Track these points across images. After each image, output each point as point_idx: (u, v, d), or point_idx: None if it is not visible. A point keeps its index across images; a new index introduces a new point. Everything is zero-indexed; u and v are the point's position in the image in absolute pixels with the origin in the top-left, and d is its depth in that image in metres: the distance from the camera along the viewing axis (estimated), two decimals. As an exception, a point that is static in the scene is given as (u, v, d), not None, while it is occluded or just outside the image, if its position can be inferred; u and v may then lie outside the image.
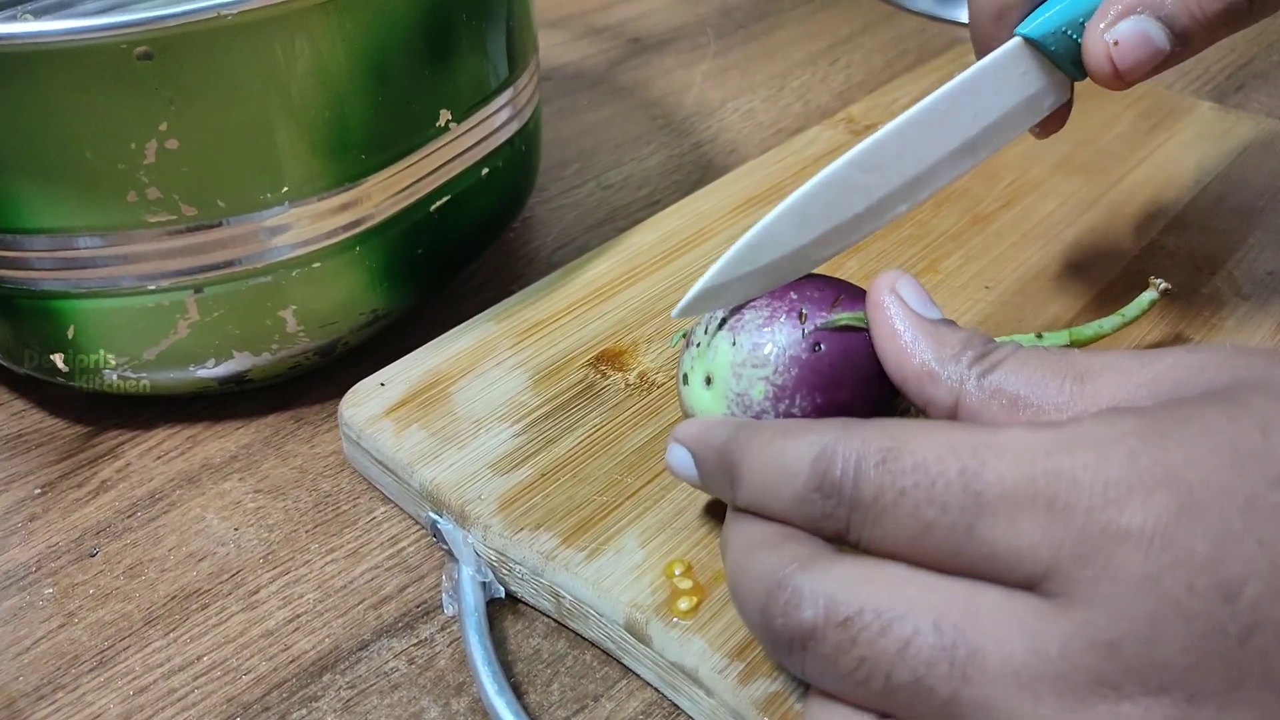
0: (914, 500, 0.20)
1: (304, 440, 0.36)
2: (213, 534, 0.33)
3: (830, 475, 0.21)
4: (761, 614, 0.21)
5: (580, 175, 0.51)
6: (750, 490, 0.23)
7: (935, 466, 0.20)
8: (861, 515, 0.21)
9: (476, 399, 0.34)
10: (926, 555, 0.20)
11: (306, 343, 0.35)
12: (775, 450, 0.23)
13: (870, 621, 0.20)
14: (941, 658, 0.19)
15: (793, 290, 0.28)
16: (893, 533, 0.20)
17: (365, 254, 0.35)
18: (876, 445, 0.21)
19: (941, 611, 0.19)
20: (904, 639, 0.19)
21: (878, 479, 0.21)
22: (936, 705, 0.19)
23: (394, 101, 0.33)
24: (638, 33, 0.65)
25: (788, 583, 0.21)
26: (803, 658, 0.21)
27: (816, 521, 0.22)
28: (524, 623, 0.30)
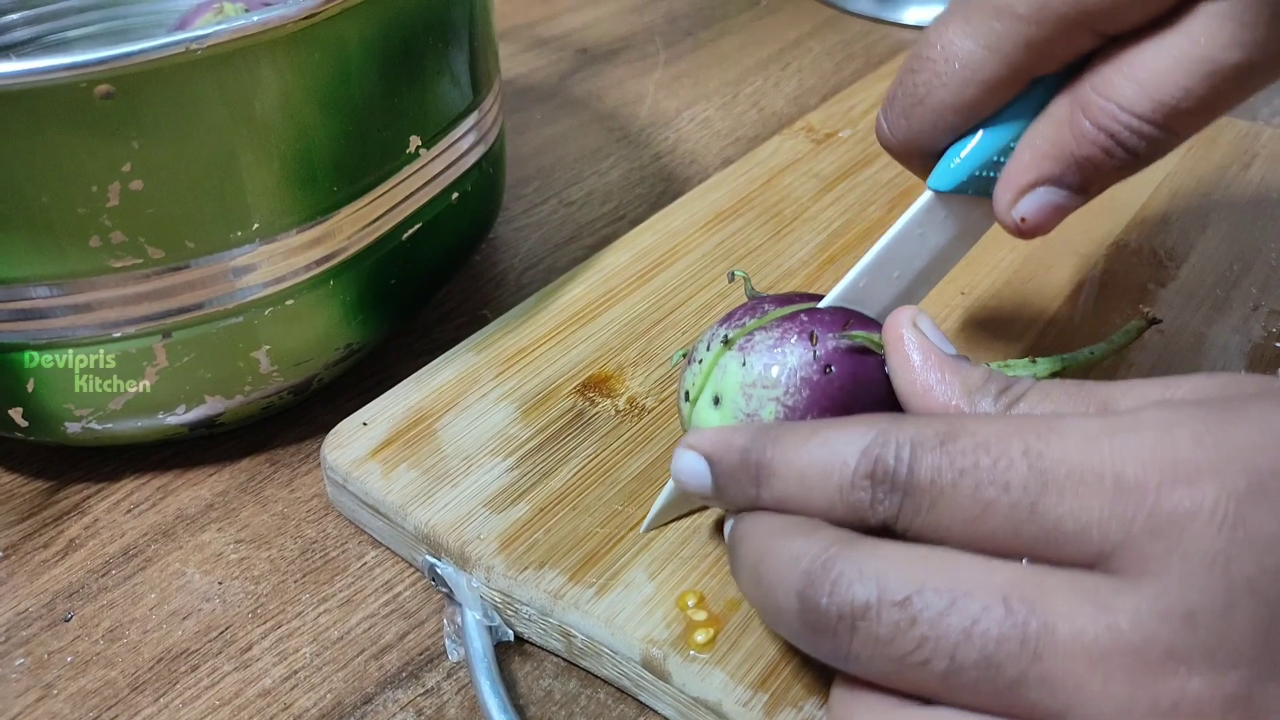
0: (974, 480, 0.20)
1: (283, 484, 0.35)
2: (195, 589, 0.31)
3: (883, 461, 0.21)
4: (799, 596, 0.21)
5: (541, 193, 0.50)
6: (784, 486, 0.23)
7: (997, 446, 0.20)
8: (916, 500, 0.21)
9: (464, 434, 0.33)
10: (983, 538, 0.20)
11: (280, 382, 0.34)
12: (819, 442, 0.22)
13: (933, 600, 0.19)
14: (1012, 634, 0.19)
15: (804, 314, 0.27)
16: (948, 516, 0.20)
17: (339, 288, 0.34)
18: (933, 430, 0.21)
19: (1009, 589, 0.19)
20: (972, 616, 0.19)
21: (935, 461, 0.20)
22: (1002, 686, 0.19)
23: (364, 130, 0.32)
24: (585, 43, 0.64)
25: (834, 562, 0.21)
26: (849, 640, 0.20)
27: (862, 512, 0.21)
28: (533, 664, 0.29)
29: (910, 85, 0.27)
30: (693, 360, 0.29)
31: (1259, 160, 0.47)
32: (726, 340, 0.27)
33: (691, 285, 0.39)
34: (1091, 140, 0.25)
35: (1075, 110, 0.25)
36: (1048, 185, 0.26)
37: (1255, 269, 0.41)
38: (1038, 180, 0.26)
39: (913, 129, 0.27)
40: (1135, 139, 0.25)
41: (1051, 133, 0.26)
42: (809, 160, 0.47)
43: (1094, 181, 0.26)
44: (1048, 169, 0.26)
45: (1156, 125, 0.24)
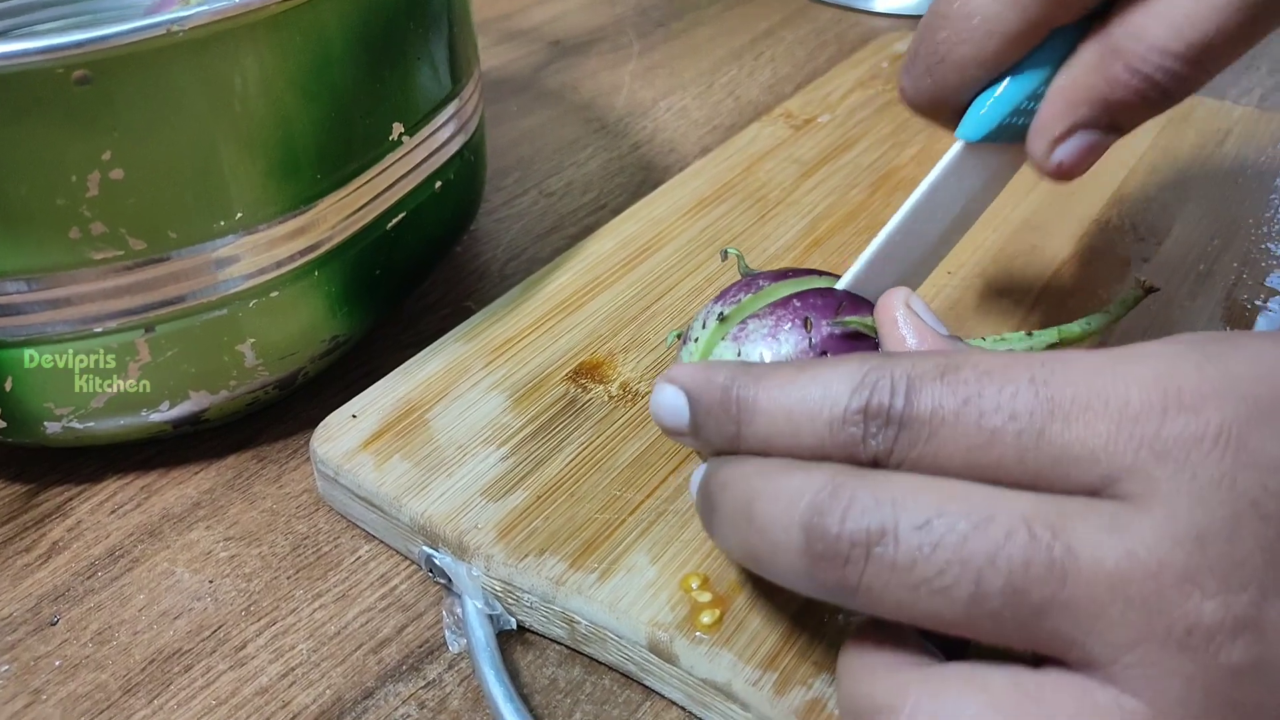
0: (978, 409, 0.20)
1: (270, 480, 0.34)
2: (185, 589, 0.31)
3: (879, 395, 0.21)
4: (805, 528, 0.20)
5: (521, 184, 0.50)
6: (769, 424, 0.22)
7: (1003, 374, 0.20)
8: (913, 433, 0.20)
9: (457, 424, 0.33)
10: (986, 467, 0.20)
11: (266, 376, 0.33)
12: (808, 379, 0.22)
13: (956, 523, 0.19)
14: (1038, 559, 0.18)
15: (796, 299, 0.27)
16: (949, 446, 0.20)
17: (324, 278, 0.33)
18: (931, 364, 0.21)
19: (1030, 514, 0.19)
20: (997, 541, 0.19)
21: (937, 392, 0.20)
22: (1026, 613, 0.19)
23: (347, 116, 0.32)
24: (557, 35, 0.64)
25: (843, 490, 0.20)
26: (861, 569, 0.20)
27: (853, 448, 0.21)
28: (534, 652, 0.29)
29: (931, 43, 0.27)
30: (688, 339, 0.28)
31: (1232, 137, 0.48)
32: (722, 317, 0.27)
33: (678, 271, 0.39)
34: (1125, 83, 0.25)
35: (1106, 55, 0.25)
36: (1083, 130, 0.27)
37: (1234, 243, 0.41)
38: (1074, 125, 0.27)
39: (936, 86, 0.28)
40: (1169, 78, 0.25)
41: (1083, 79, 0.26)
42: (789, 146, 0.47)
43: (1127, 121, 0.27)
44: (1082, 114, 0.26)
45: (1190, 63, 0.25)
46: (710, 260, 0.40)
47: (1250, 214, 0.43)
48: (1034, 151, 0.28)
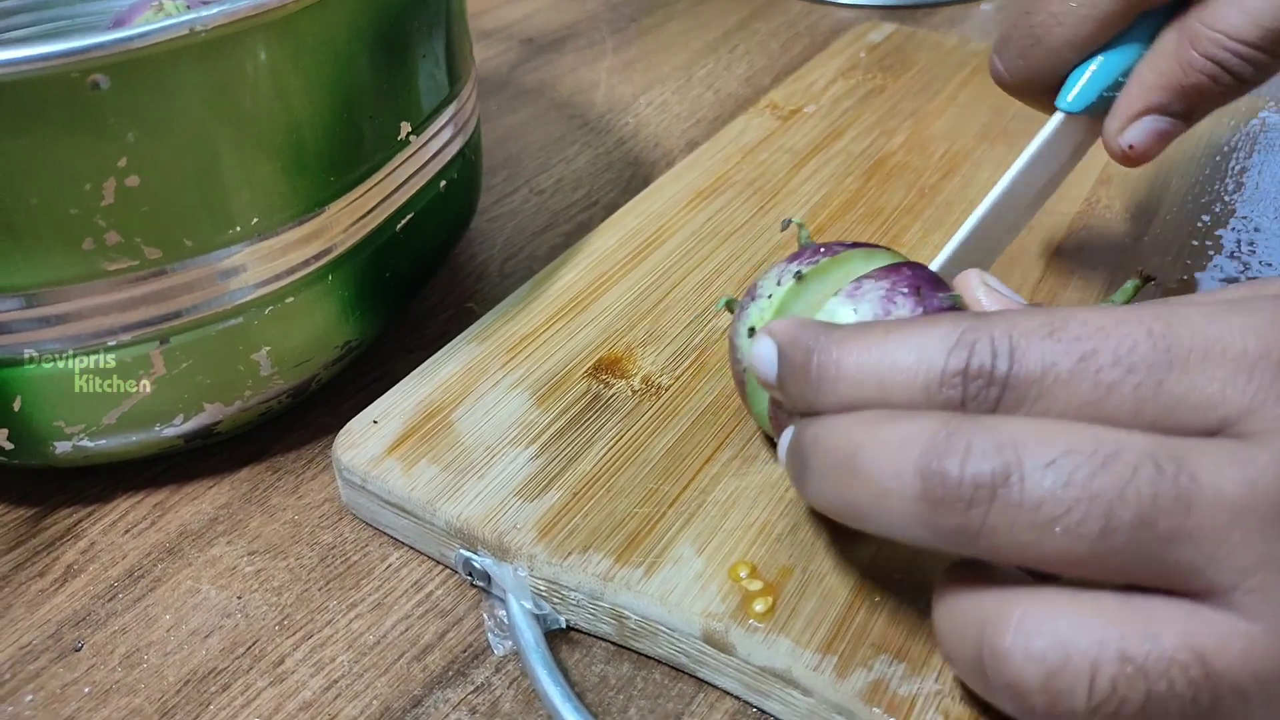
0: (1095, 365, 0.20)
1: (288, 492, 0.33)
2: (213, 606, 0.30)
3: (978, 356, 0.21)
4: (922, 473, 0.20)
5: (510, 183, 0.49)
6: (854, 390, 0.22)
7: (1117, 329, 0.20)
8: (1019, 392, 0.20)
9: (482, 425, 0.32)
10: (1097, 420, 0.20)
11: (281, 385, 0.33)
12: (897, 342, 0.21)
13: (1082, 460, 0.19)
14: (1165, 489, 0.19)
15: (906, 267, 0.27)
16: (1061, 404, 0.20)
17: (337, 282, 0.33)
18: (1036, 321, 0.21)
19: (1154, 449, 0.19)
20: (1125, 476, 0.19)
21: (1048, 349, 0.20)
22: (1154, 545, 0.19)
23: (359, 116, 0.31)
24: (529, 33, 0.63)
25: (959, 434, 0.20)
26: (985, 511, 0.19)
27: (952, 409, 0.21)
28: (581, 651, 0.28)
29: (1026, 27, 0.29)
30: (757, 296, 0.28)
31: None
32: (800, 275, 0.28)
33: (686, 264, 0.39)
34: (1200, 70, 0.26)
35: (1183, 42, 0.26)
36: (1155, 114, 0.28)
37: (1222, 218, 0.42)
38: (1145, 109, 0.28)
39: (1030, 67, 0.30)
40: (1242, 65, 0.26)
41: (1159, 65, 0.27)
42: (779, 136, 0.47)
43: (1199, 108, 0.28)
44: (1155, 99, 0.27)
45: (1263, 50, 0.25)
46: (716, 253, 0.40)
47: (1231, 190, 0.44)
48: (1108, 132, 0.29)
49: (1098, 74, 0.29)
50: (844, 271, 0.28)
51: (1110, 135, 0.29)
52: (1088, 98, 0.29)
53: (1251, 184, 0.44)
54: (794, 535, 0.29)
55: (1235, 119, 0.49)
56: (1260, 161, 0.46)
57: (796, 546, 0.28)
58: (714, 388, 0.33)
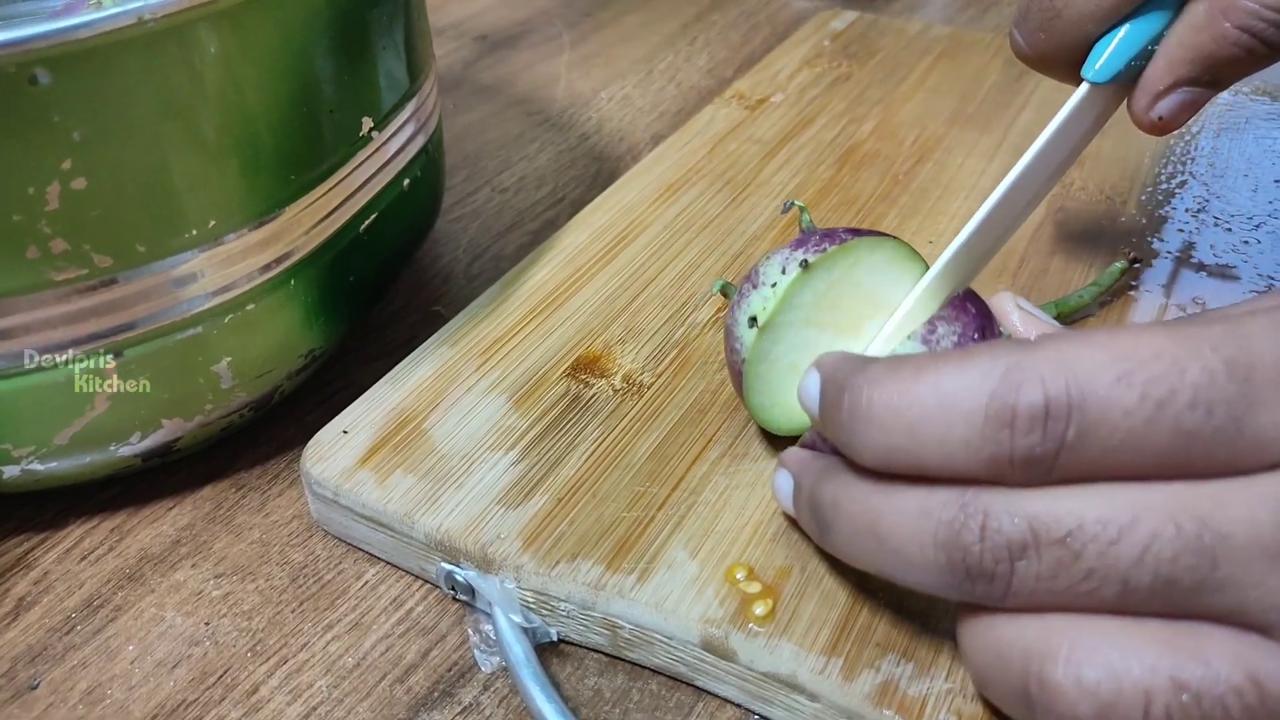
0: (1174, 410, 0.18)
1: (254, 509, 0.32)
2: (180, 634, 0.28)
3: (1027, 402, 0.18)
4: (943, 546, 0.20)
5: (471, 182, 0.48)
6: (886, 438, 0.20)
7: (1193, 361, 0.18)
8: (1084, 452, 0.18)
9: (458, 431, 0.31)
10: (1172, 467, 0.18)
11: (243, 397, 0.31)
12: (929, 383, 0.20)
13: (1097, 533, 0.18)
14: (1186, 550, 0.18)
15: (969, 302, 0.27)
16: (1132, 460, 0.18)
17: (300, 287, 0.31)
18: (1102, 357, 0.18)
19: (1176, 509, 0.18)
20: (1142, 544, 0.18)
21: (1115, 396, 0.18)
22: (1177, 597, 0.18)
23: (319, 111, 0.30)
24: (483, 30, 0.62)
25: (975, 507, 0.19)
26: (1008, 581, 0.19)
27: (997, 465, 0.19)
28: (573, 664, 0.27)
29: (1047, 1, 0.28)
30: (760, 284, 0.28)
31: (1170, 96, 0.49)
32: (806, 264, 0.27)
33: (660, 258, 0.38)
34: (1233, 41, 0.26)
35: (1214, 14, 0.26)
36: (1186, 86, 0.27)
37: (1196, 197, 0.42)
38: (1176, 83, 0.27)
39: (1051, 40, 0.29)
40: (1277, 33, 0.25)
41: (1189, 37, 0.27)
42: (747, 127, 0.46)
43: (1230, 76, 0.27)
44: (1185, 72, 0.27)
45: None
46: (691, 246, 0.39)
47: (1200, 161, 0.44)
48: (1137, 106, 0.28)
49: (1123, 44, 0.28)
50: (851, 261, 0.27)
51: (1140, 109, 0.28)
52: (1114, 68, 0.28)
53: (1222, 163, 0.44)
54: (789, 534, 0.27)
55: (1199, 99, 0.49)
56: (1228, 142, 0.46)
57: (793, 545, 0.27)
58: (698, 384, 0.32)
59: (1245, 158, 0.44)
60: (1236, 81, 0.28)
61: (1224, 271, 0.37)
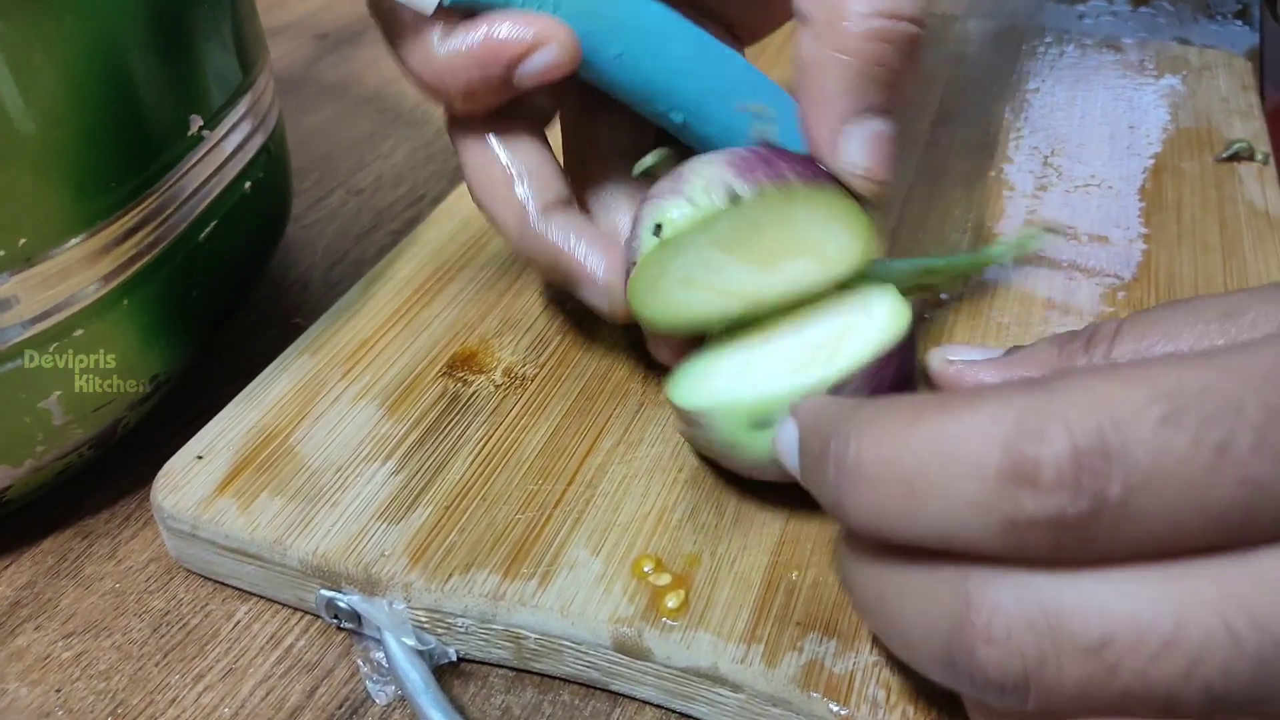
0: (1237, 456, 0.15)
1: (104, 557, 0.28)
2: (26, 707, 0.25)
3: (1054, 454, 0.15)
4: (946, 646, 0.16)
5: (323, 185, 0.45)
6: (878, 496, 0.17)
7: (1253, 400, 0.15)
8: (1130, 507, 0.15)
9: (327, 445, 0.28)
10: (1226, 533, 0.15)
11: (79, 435, 0.28)
12: (928, 428, 0.16)
13: (1134, 644, 0.15)
14: (1240, 662, 0.15)
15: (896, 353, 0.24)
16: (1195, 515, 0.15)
17: (135, 307, 0.28)
18: (1138, 397, 0.15)
19: (1224, 605, 0.15)
20: (1189, 656, 0.15)
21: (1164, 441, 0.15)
22: (1229, 711, 0.15)
23: (139, 110, 0.27)
24: (322, 28, 0.59)
25: (981, 598, 0.16)
26: (1024, 696, 0.16)
27: (1019, 538, 0.16)
28: (476, 683, 0.25)
29: None
30: (679, 193, 0.25)
31: (1029, 53, 0.50)
32: (735, 197, 0.24)
33: (532, 245, 0.36)
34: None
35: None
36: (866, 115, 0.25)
37: (1054, 143, 0.42)
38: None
39: None
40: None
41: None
42: (610, 106, 0.45)
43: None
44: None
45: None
46: (562, 230, 0.37)
47: (1063, 126, 0.44)
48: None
49: None
50: (786, 207, 0.24)
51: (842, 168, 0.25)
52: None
53: (1078, 113, 0.45)
54: (694, 519, 0.26)
55: (1035, 49, 0.50)
56: (1083, 94, 0.46)
57: (699, 531, 0.26)
58: (584, 372, 0.30)
59: (1100, 105, 0.45)
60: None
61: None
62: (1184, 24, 0.56)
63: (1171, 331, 0.20)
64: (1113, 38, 0.51)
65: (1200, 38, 0.54)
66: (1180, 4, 0.59)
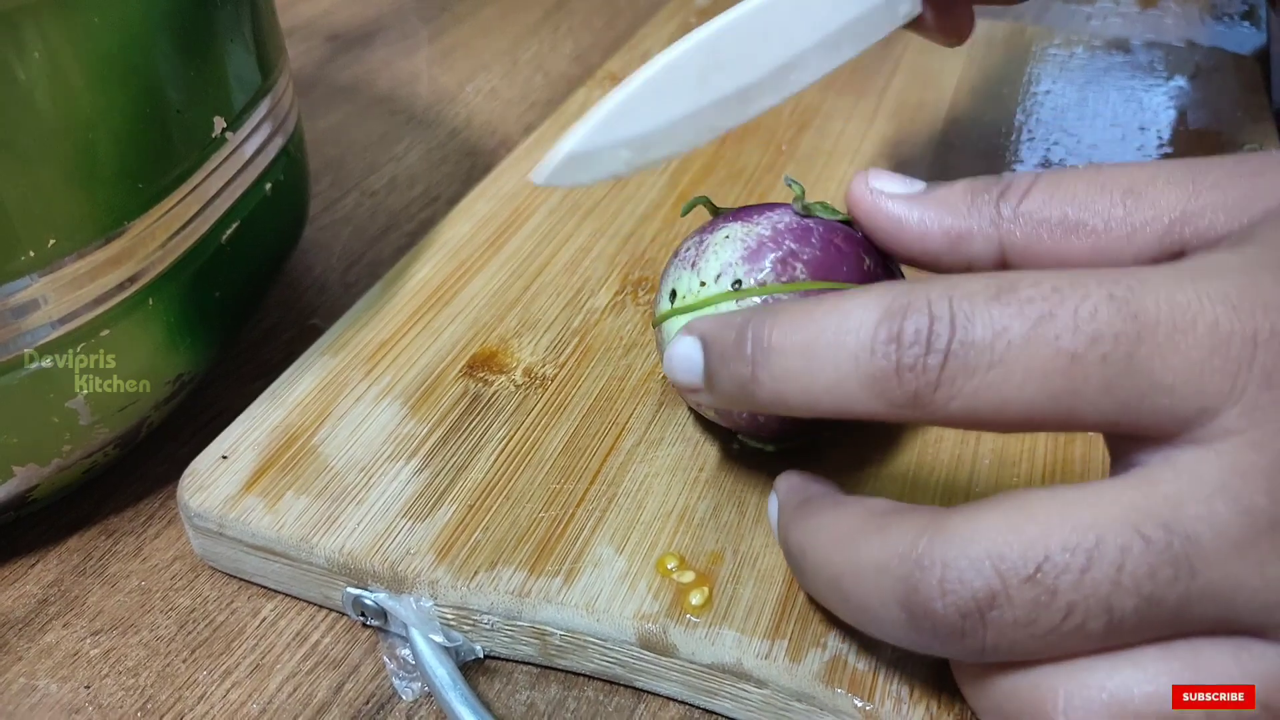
0: (1054, 330, 0.17)
1: (129, 556, 0.29)
2: (56, 703, 0.25)
3: (914, 321, 0.18)
4: (905, 606, 0.18)
5: (338, 187, 0.45)
6: (784, 362, 0.20)
7: (1074, 291, 0.17)
8: (967, 360, 0.18)
9: (352, 444, 0.28)
10: (1060, 396, 0.17)
11: (105, 434, 0.28)
12: (827, 309, 0.19)
13: (1067, 561, 0.17)
14: (1162, 561, 0.17)
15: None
16: (1017, 375, 0.17)
17: (160, 307, 0.28)
18: (980, 283, 0.18)
19: (1136, 517, 0.17)
20: (1114, 564, 0.17)
21: (996, 314, 0.18)
22: (1166, 617, 0.17)
23: (164, 111, 0.27)
24: (334, 29, 0.59)
25: (929, 559, 0.18)
26: (981, 636, 0.18)
27: (885, 383, 0.18)
28: (501, 679, 0.25)
29: None
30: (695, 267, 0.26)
31: (1033, 55, 0.50)
32: (738, 286, 0.25)
33: (549, 244, 0.36)
34: None
35: None
36: None
37: (1066, 144, 0.42)
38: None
39: None
40: None
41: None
42: (623, 108, 0.45)
43: None
44: None
45: None
46: (579, 230, 0.37)
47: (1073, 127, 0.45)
48: None
49: None
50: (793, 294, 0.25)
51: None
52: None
53: (1089, 114, 0.45)
54: (717, 518, 0.26)
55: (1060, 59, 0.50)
56: (1094, 94, 0.47)
57: (722, 529, 0.26)
58: (604, 371, 0.31)
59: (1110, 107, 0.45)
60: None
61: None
62: (1191, 25, 0.57)
63: (1079, 198, 0.21)
64: (1121, 39, 0.51)
65: (1207, 39, 0.55)
66: (1187, 5, 0.59)
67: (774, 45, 0.27)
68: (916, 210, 0.23)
